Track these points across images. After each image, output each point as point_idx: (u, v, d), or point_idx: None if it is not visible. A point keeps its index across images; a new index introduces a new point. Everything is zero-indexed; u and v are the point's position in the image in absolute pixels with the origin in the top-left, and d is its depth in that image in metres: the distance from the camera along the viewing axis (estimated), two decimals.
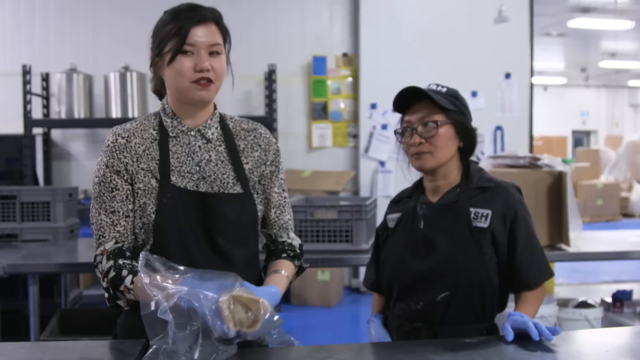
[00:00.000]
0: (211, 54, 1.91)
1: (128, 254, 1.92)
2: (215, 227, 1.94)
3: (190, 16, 1.89)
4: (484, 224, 2.05)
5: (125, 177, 1.93)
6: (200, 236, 1.93)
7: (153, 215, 1.91)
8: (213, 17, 1.94)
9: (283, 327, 1.72)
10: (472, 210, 2.08)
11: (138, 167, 1.93)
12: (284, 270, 2.01)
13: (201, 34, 1.89)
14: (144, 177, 1.93)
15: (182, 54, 1.88)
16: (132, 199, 1.93)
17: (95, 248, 1.94)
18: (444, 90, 2.13)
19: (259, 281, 2.08)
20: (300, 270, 2.12)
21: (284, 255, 2.07)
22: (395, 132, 2.17)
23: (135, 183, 1.93)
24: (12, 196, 4.25)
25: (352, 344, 2.02)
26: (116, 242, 1.92)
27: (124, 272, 1.85)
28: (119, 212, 1.92)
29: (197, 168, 1.97)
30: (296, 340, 1.71)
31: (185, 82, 1.89)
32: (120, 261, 1.88)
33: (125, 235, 1.93)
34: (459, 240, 2.06)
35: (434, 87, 2.13)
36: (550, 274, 2.11)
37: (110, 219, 1.92)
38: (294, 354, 1.81)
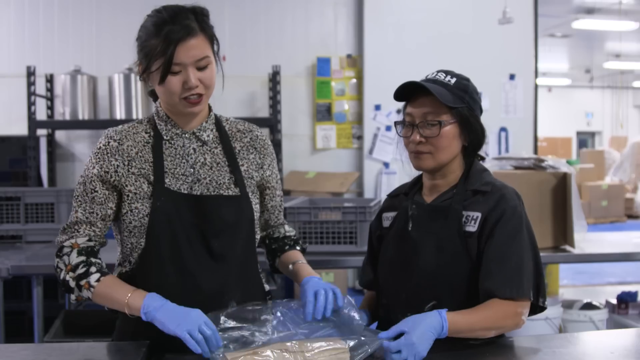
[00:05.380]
0: (199, 67, 1.87)
1: (99, 255, 1.97)
2: (210, 229, 1.93)
3: (174, 31, 1.81)
4: (472, 227, 1.91)
5: (110, 182, 1.92)
6: (193, 239, 1.92)
7: (146, 219, 1.90)
8: (199, 25, 1.86)
9: None
10: (464, 213, 1.93)
11: (129, 171, 1.92)
12: (300, 259, 2.11)
13: (187, 52, 1.83)
14: (135, 181, 1.92)
15: (171, 73, 1.84)
16: (112, 205, 1.95)
17: (60, 234, 1.96)
18: (453, 81, 1.97)
19: (257, 281, 2.10)
20: (303, 252, 2.21)
21: (287, 247, 2.18)
22: (396, 123, 2.04)
23: (126, 186, 1.92)
24: (17, 197, 4.26)
25: None
26: (89, 240, 1.95)
27: (93, 269, 1.89)
28: (97, 214, 1.94)
29: (192, 170, 1.96)
30: None
31: (175, 98, 1.88)
32: (92, 259, 1.92)
33: (100, 236, 1.97)
34: (446, 245, 1.92)
35: (442, 77, 1.98)
36: (520, 294, 1.82)
37: (87, 218, 1.94)
38: None
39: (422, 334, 1.72)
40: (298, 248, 2.20)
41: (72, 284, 1.89)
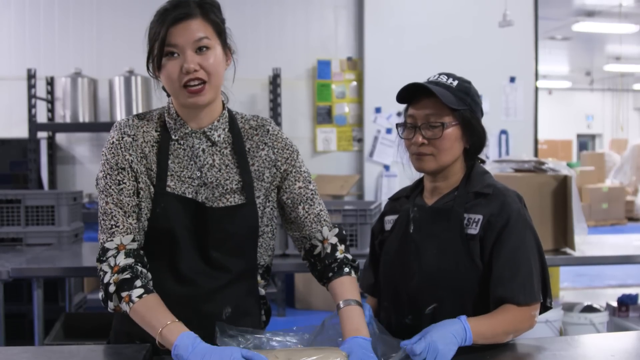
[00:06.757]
0: (200, 50, 1.79)
1: (145, 261, 1.83)
2: (210, 239, 1.87)
3: (169, 13, 1.78)
4: (474, 230, 1.90)
5: (131, 174, 1.84)
6: (192, 247, 1.86)
7: (146, 223, 1.85)
8: (200, 11, 1.81)
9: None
10: (466, 216, 1.93)
11: (140, 167, 1.85)
12: (348, 297, 1.85)
13: (182, 32, 1.76)
14: (145, 178, 1.86)
15: (168, 57, 1.78)
16: (136, 197, 1.85)
17: (104, 237, 1.82)
18: (455, 83, 1.97)
19: (254, 288, 2.02)
20: (357, 271, 1.98)
21: (331, 274, 1.93)
22: (397, 125, 2.03)
23: (139, 183, 1.85)
24: (17, 200, 4.26)
25: None
26: (133, 240, 1.82)
27: (138, 282, 1.75)
28: (128, 205, 1.83)
29: (199, 173, 1.88)
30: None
31: (176, 86, 1.79)
32: (139, 268, 1.79)
33: (138, 231, 1.84)
34: (448, 248, 1.92)
35: (444, 80, 1.97)
36: (533, 298, 1.85)
37: (122, 210, 1.82)
38: None
39: (443, 334, 1.71)
40: (346, 270, 1.93)
41: (112, 289, 1.75)
